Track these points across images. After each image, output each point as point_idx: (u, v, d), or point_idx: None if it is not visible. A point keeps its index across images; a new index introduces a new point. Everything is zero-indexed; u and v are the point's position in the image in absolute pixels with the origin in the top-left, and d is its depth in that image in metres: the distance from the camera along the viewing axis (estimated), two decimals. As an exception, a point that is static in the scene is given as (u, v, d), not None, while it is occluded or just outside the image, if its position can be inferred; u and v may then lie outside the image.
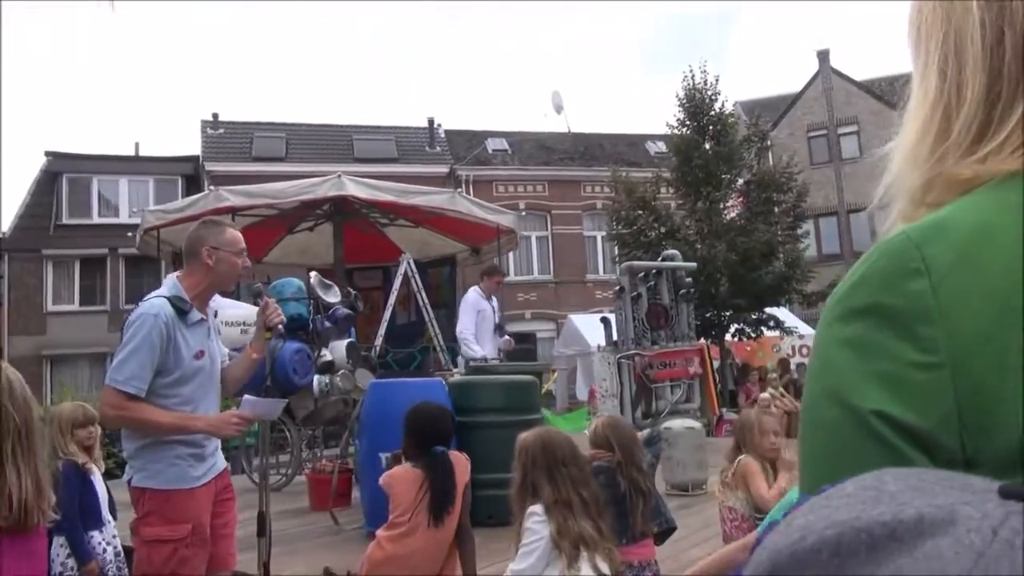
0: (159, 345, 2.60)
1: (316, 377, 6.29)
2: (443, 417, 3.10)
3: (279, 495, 5.79)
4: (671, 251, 9.50)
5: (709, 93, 15.96)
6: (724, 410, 10.34)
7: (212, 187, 8.03)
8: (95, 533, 3.61)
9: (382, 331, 7.67)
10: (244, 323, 5.14)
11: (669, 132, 16.52)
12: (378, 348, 7.57)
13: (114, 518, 3.84)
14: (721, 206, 15.58)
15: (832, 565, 0.31)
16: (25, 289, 20.44)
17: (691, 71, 16.13)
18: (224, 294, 3.31)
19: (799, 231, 16.13)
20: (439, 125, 24.29)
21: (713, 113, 15.83)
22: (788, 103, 24.93)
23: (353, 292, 7.37)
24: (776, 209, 15.66)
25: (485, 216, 8.70)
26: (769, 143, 16.79)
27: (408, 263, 8.20)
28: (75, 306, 20.87)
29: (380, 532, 2.92)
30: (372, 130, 24.01)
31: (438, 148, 23.44)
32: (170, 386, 2.64)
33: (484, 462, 3.14)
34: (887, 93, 24.24)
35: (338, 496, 4.98)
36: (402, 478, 2.97)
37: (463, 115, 75.61)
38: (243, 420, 2.69)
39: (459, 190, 9.48)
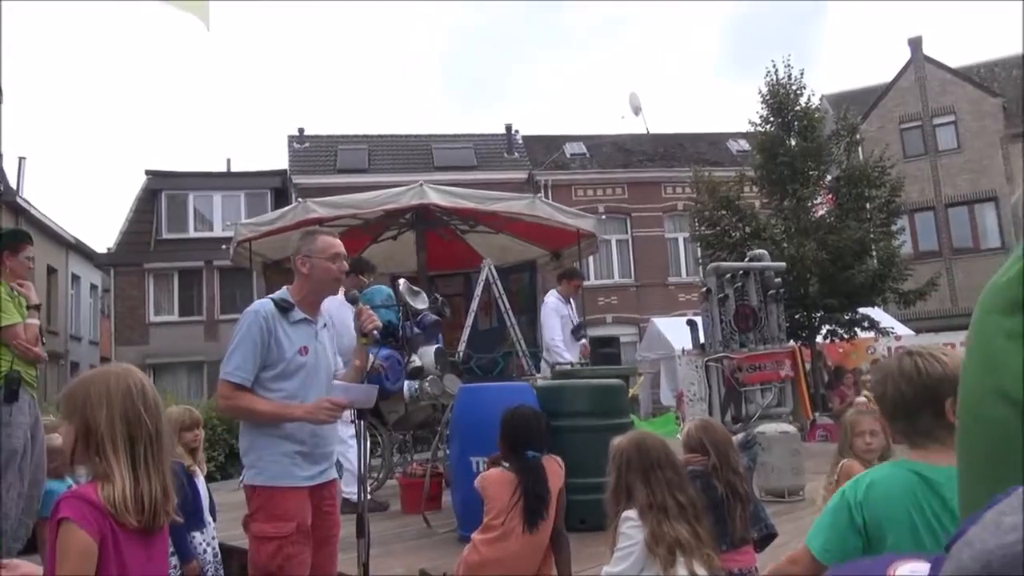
0: (259, 339, 2.77)
1: (406, 382, 6.39)
2: (536, 420, 3.09)
3: (371, 498, 5.87)
4: (758, 251, 9.23)
5: (794, 88, 15.46)
6: (817, 414, 9.97)
7: (300, 199, 8.27)
8: (196, 534, 3.76)
9: (465, 337, 7.73)
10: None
11: (752, 129, 16.08)
12: (461, 354, 7.64)
13: (214, 520, 4.00)
14: (809, 203, 15.04)
15: None
16: (129, 301, 21.63)
17: (774, 66, 15.67)
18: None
19: (893, 227, 15.41)
20: (517, 131, 24.43)
21: (798, 108, 15.33)
22: (878, 95, 23.91)
23: (440, 298, 7.46)
24: (868, 205, 15.02)
25: (565, 220, 8.65)
26: (859, 137, 16.09)
27: (489, 269, 8.24)
28: (175, 316, 21.94)
29: (476, 535, 2.93)
30: (451, 139, 24.37)
31: (516, 154, 23.57)
32: (274, 380, 2.79)
33: (573, 466, 3.11)
34: (986, 80, 22.95)
35: (429, 500, 5.03)
36: (496, 480, 2.98)
37: (540, 121, 75.78)
38: (336, 406, 2.76)
39: (538, 195, 9.48)
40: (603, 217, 18.69)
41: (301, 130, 23.71)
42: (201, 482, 3.96)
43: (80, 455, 1.69)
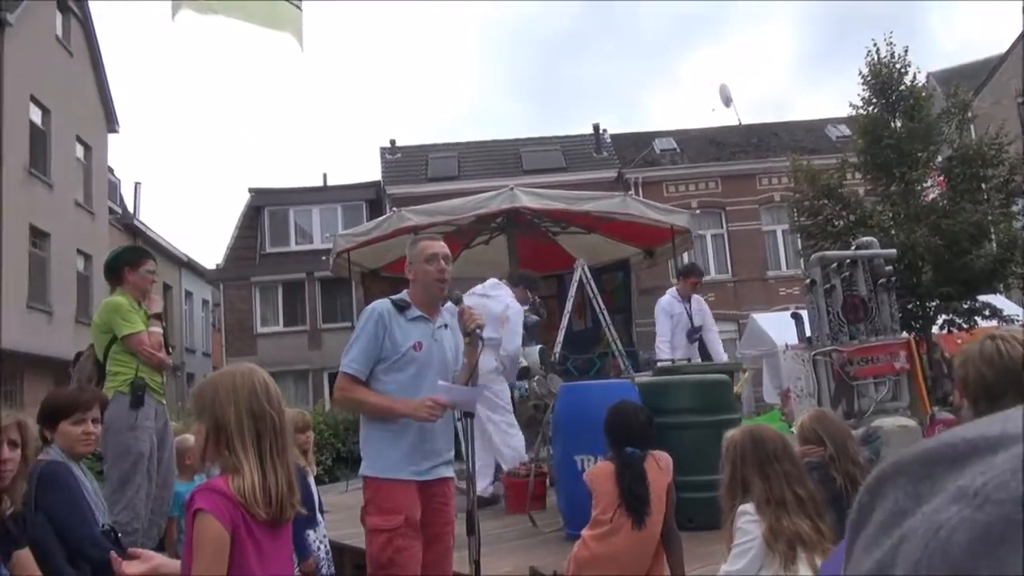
0: (375, 334, 2.92)
1: (516, 382, 6.45)
2: (637, 416, 3.07)
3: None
4: (866, 238, 8.81)
5: (897, 66, 14.69)
6: (936, 409, 9.42)
7: (394, 209, 8.48)
8: (310, 532, 3.91)
9: (560, 338, 7.72)
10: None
11: (853, 113, 15.38)
12: (557, 355, 7.64)
13: (324, 518, 4.17)
14: (918, 187, 14.24)
15: (918, 471, 0.35)
16: (238, 314, 22.74)
17: (875, 45, 14.94)
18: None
19: (1014, 208, 14.40)
20: (604, 131, 24.27)
21: (903, 87, 14.54)
22: (991, 68, 22.44)
23: (537, 299, 7.49)
24: (985, 186, 14.08)
25: (658, 217, 8.53)
26: (971, 114, 15.12)
27: (582, 269, 8.21)
28: (280, 327, 22.90)
29: (585, 531, 2.93)
30: (539, 141, 24.45)
31: (605, 153, 23.41)
32: (387, 371, 2.93)
33: (680, 464, 3.06)
34: (1115, 44, 21.19)
35: (534, 499, 5.05)
36: (601, 474, 2.98)
37: (628, 118, 75.07)
38: (437, 405, 2.82)
39: (629, 193, 9.39)
40: (697, 212, 18.26)
41: (393, 141, 24.32)
42: (312, 482, 4.13)
43: (211, 451, 1.79)
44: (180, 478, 4.70)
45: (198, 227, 67.94)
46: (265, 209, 23.28)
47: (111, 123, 21.56)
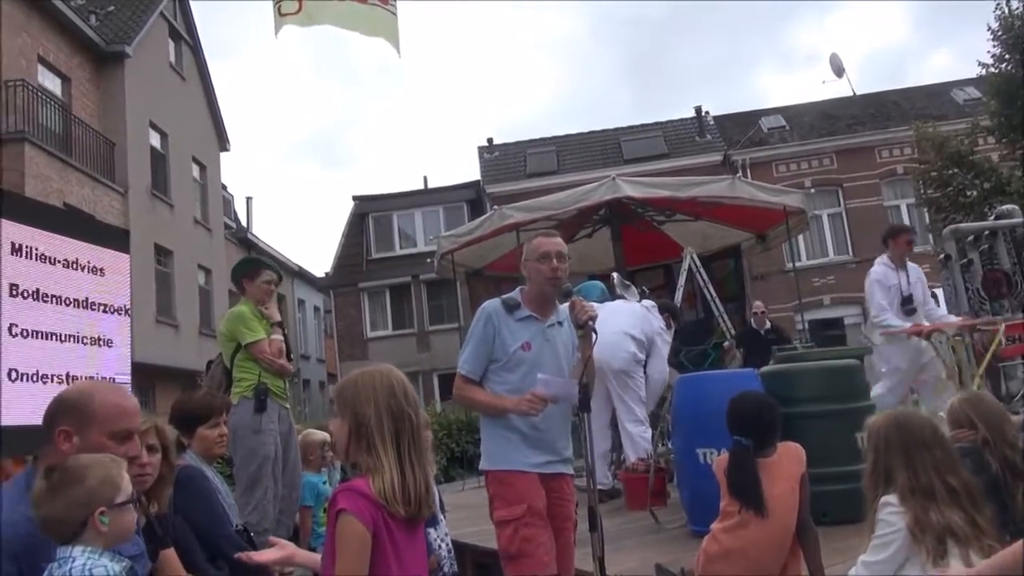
0: (484, 335, 3.01)
1: None
2: (755, 405, 3.00)
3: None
4: (1007, 207, 8.23)
5: (1031, 17, 13.63)
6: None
7: (495, 207, 8.55)
8: (431, 530, 4.01)
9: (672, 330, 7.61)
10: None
11: (982, 72, 14.37)
12: (669, 347, 7.53)
13: (444, 517, 4.26)
14: (1062, 148, 13.18)
15: None
16: (348, 320, 23.60)
17: (1004, -3, 13.89)
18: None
19: None
20: (707, 113, 23.70)
21: (1040, 40, 13.49)
22: None
23: (646, 291, 7.40)
24: None
25: (769, 199, 8.26)
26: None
27: (691, 258, 8.05)
28: (389, 331, 23.61)
29: (715, 524, 2.89)
30: (639, 129, 24.13)
31: (709, 136, 22.85)
32: (498, 371, 3.01)
33: (811, 456, 2.95)
34: None
35: (654, 495, 5.02)
36: (720, 466, 2.96)
37: (732, 98, 73.00)
38: (537, 398, 2.85)
39: (737, 176, 9.11)
40: (811, 191, 17.58)
41: (490, 140, 24.64)
42: (431, 481, 4.23)
43: (354, 450, 1.87)
44: (307, 470, 4.99)
45: (307, 237, 71.05)
46: (369, 216, 24.05)
47: (223, 142, 22.82)
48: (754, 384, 4.12)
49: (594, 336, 2.84)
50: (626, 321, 5.92)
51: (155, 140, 18.79)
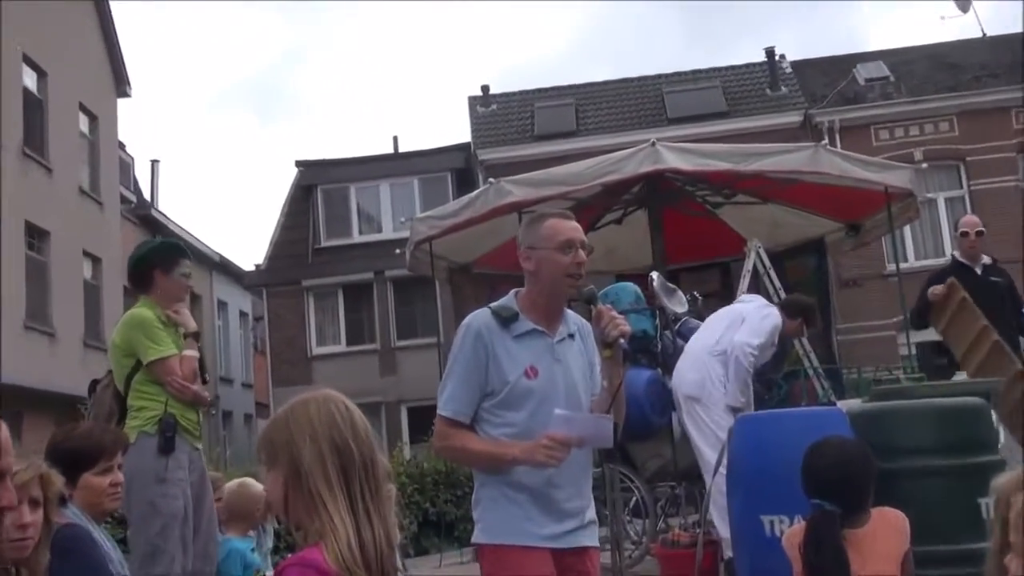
0: (474, 359, 2.98)
1: (674, 415, 6.48)
2: (842, 458, 3.04)
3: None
4: None
5: None
6: None
7: (491, 180, 8.57)
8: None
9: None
10: None
11: None
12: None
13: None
14: None
15: None
16: (287, 330, 23.64)
17: None
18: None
19: None
20: (782, 57, 23.75)
21: None
22: None
23: (698, 297, 7.44)
24: None
25: (865, 175, 8.30)
26: None
27: (757, 255, 8.09)
28: (342, 346, 23.65)
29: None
30: (689, 78, 24.18)
31: (784, 89, 22.91)
32: (495, 409, 2.99)
33: (918, 527, 3.00)
34: None
35: (703, 575, 5.08)
36: (793, 541, 3.00)
37: (817, 38, 72.99)
38: (556, 443, 2.82)
39: (822, 143, 9.17)
40: (923, 166, 17.48)
41: (485, 88, 24.57)
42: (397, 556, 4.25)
43: (294, 506, 1.92)
44: (230, 532, 4.98)
45: (234, 217, 71.02)
46: (318, 189, 24.10)
47: (121, 86, 22.84)
48: (841, 428, 4.13)
49: (625, 363, 2.85)
50: (717, 331, 6.07)
51: (29, 80, 18.82)
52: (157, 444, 4.44)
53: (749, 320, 6.12)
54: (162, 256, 4.79)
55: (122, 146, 24.16)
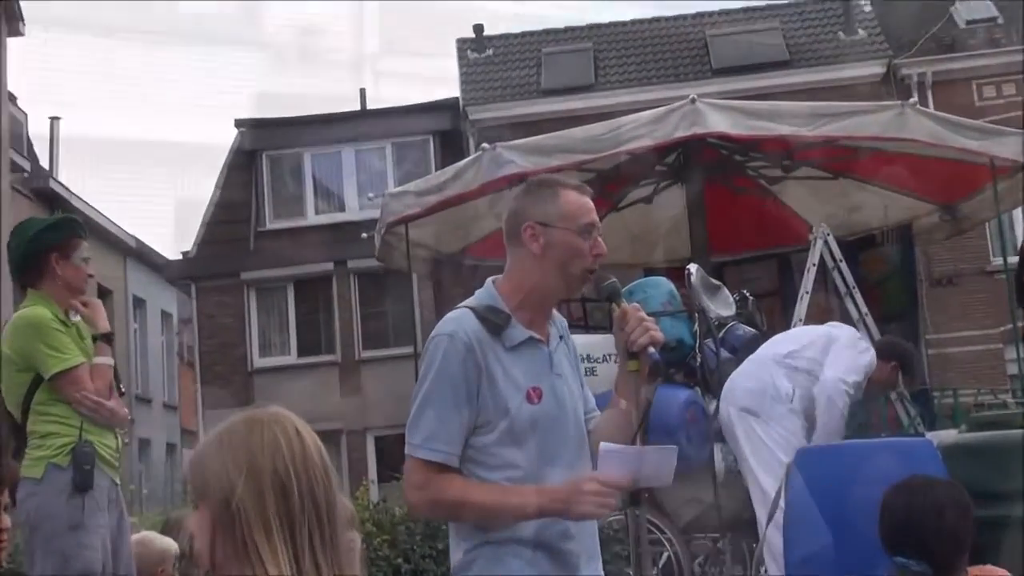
0: (464, 381, 2.85)
1: (717, 447, 6.49)
2: (921, 502, 3.06)
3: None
4: None
5: None
6: None
7: (484, 145, 8.58)
8: None
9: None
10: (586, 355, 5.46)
11: None
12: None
13: None
14: None
15: None
16: (221, 335, 23.57)
17: None
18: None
19: None
20: (861, -13, 23.75)
21: None
22: None
23: (749, 297, 7.43)
24: None
25: (964, 143, 8.31)
26: None
27: (825, 243, 8.10)
28: (291, 357, 23.59)
29: None
30: (740, 17, 24.21)
31: (862, 33, 22.92)
32: (493, 447, 2.88)
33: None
34: None
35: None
36: None
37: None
38: (605, 486, 2.77)
39: (910, 101, 9.15)
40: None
41: (479, 30, 24.54)
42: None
43: (222, 555, 1.89)
44: None
45: (153, 192, 70.92)
46: (263, 155, 24.02)
47: (13, 22, 22.77)
48: (930, 466, 4.14)
49: (657, 377, 2.84)
50: (793, 344, 6.17)
51: None
52: (72, 480, 4.38)
53: (842, 351, 6.18)
54: (59, 236, 4.73)
55: (13, 99, 24.10)
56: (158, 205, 73.95)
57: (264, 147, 24.10)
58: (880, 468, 3.77)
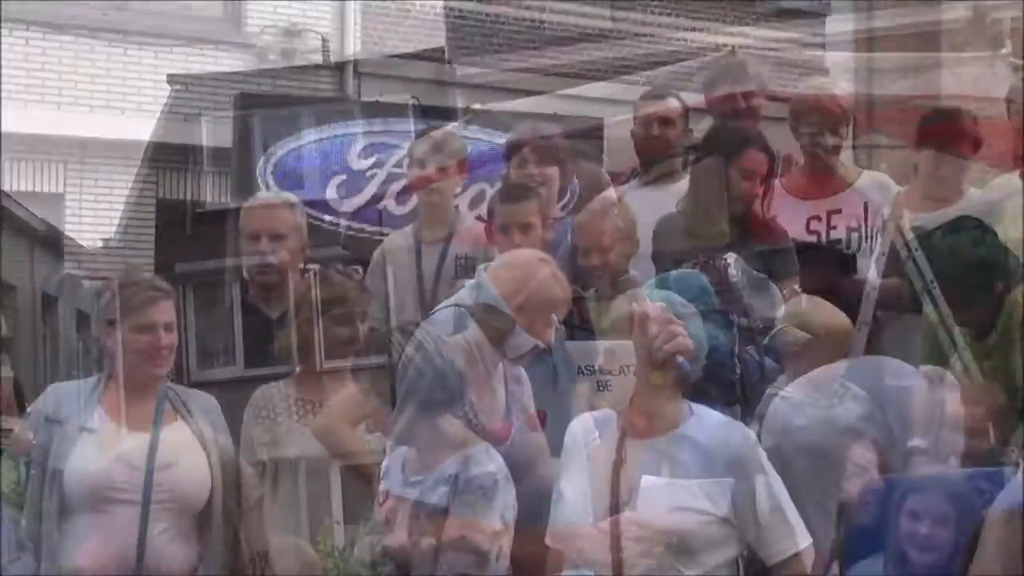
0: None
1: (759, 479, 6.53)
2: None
3: None
4: None
5: None
6: None
7: (472, 108, 8.62)
8: None
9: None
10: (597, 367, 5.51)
11: None
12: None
13: None
14: None
15: None
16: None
17: None
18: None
19: None
20: None
21: None
22: None
23: (801, 294, 7.44)
24: None
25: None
26: None
27: (898, 229, 8.08)
28: (237, 368, 23.61)
29: None
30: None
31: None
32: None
33: None
34: None
35: None
36: None
37: None
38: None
39: (1003, 51, 9.16)
40: None
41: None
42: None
43: None
44: None
45: (68, 166, 71.25)
46: (202, 121, 24.08)
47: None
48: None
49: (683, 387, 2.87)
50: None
51: None
52: None
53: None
54: None
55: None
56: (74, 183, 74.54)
57: (205, 108, 24.20)
58: (957, 502, 4.02)
